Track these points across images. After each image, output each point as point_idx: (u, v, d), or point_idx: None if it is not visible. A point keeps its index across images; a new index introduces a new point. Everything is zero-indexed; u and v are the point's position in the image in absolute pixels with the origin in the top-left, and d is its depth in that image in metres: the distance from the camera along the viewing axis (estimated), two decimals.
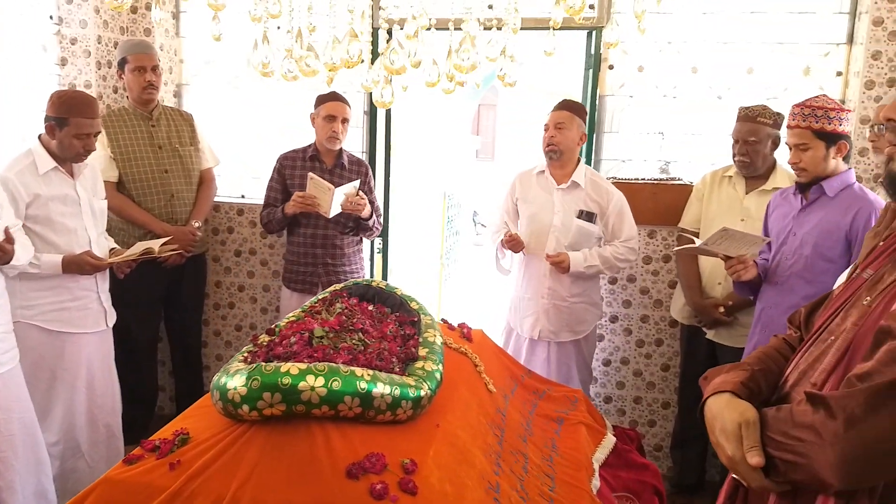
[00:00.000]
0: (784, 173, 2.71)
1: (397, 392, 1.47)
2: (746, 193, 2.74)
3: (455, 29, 1.71)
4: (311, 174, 2.87)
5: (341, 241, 3.07)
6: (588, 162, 3.24)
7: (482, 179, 10.87)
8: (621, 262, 2.83)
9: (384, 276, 3.59)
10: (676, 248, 2.58)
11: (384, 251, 3.55)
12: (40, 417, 2.39)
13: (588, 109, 3.18)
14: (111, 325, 2.69)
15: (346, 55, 1.51)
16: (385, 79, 1.83)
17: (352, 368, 1.43)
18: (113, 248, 2.70)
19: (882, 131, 1.54)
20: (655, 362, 3.26)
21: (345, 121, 3.00)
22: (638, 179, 3.19)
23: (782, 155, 2.72)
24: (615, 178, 3.20)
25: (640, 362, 3.28)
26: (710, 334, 2.80)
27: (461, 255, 7.42)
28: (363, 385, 1.41)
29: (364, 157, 3.41)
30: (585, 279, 2.87)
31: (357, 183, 2.95)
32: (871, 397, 0.95)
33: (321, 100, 3.01)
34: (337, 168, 3.08)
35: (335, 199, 2.81)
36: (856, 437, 0.95)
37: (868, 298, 1.14)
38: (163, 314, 3.35)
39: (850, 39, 2.99)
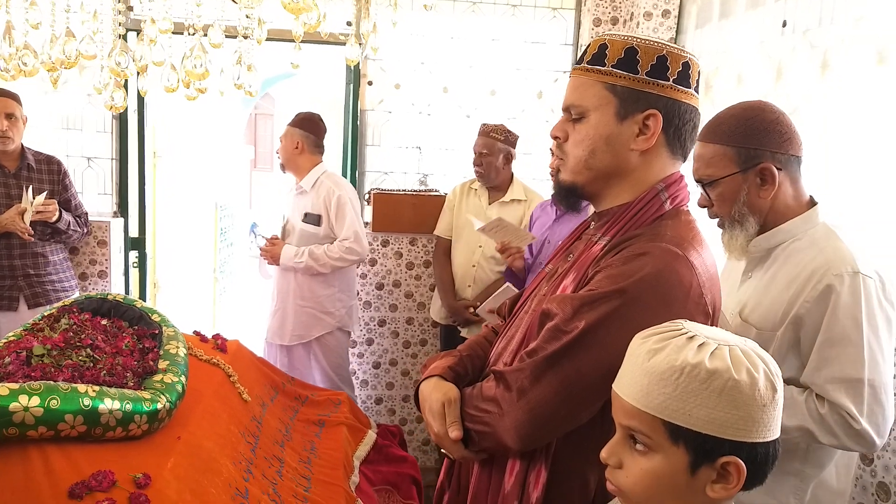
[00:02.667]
0: (520, 186, 3.06)
1: (129, 407, 1.42)
2: (489, 204, 3.04)
3: (189, 34, 1.70)
4: None
5: (43, 248, 2.84)
6: (353, 173, 3.36)
7: (261, 190, 10.61)
8: (335, 261, 2.89)
9: (142, 290, 3.38)
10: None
11: (141, 264, 3.34)
12: None
13: (350, 123, 3.33)
14: None
15: (63, 55, 1.43)
16: (116, 83, 1.77)
17: (74, 385, 1.35)
18: None
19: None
20: (421, 361, 3.46)
21: (10, 116, 2.71)
22: (399, 191, 3.38)
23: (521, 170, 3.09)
24: (379, 189, 3.36)
25: (407, 362, 3.47)
26: (463, 332, 3.06)
27: (237, 267, 7.16)
28: (87, 402, 1.34)
29: (113, 165, 3.18)
30: (318, 287, 2.97)
31: (40, 196, 2.71)
32: (535, 370, 1.12)
33: None
34: (23, 171, 2.82)
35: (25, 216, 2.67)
36: (525, 405, 1.11)
37: (545, 288, 1.36)
38: None
39: None
